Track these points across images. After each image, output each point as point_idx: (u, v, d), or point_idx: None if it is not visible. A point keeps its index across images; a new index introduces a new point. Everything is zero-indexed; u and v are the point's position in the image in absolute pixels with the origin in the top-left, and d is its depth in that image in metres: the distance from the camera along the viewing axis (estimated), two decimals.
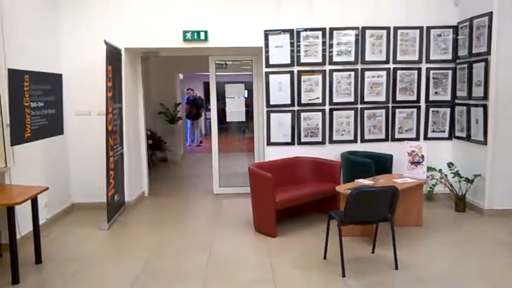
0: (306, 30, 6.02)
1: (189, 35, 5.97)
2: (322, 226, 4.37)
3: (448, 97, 6.20)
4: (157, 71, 10.08)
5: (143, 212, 6.04)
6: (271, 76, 6.09)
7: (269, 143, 6.20)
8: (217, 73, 6.82)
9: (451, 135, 6.26)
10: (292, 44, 6.02)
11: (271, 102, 6.13)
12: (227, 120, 6.96)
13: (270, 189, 4.71)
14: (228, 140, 10.61)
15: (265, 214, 4.84)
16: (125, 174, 6.05)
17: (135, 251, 4.49)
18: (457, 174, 5.63)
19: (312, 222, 5.22)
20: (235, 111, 6.84)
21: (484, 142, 5.40)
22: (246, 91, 6.96)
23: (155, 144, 9.35)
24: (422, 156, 5.09)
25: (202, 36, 5.98)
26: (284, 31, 6.02)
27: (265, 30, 6.01)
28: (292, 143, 6.19)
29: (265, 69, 6.09)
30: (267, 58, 6.05)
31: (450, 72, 6.14)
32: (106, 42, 5.18)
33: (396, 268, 3.87)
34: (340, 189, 4.62)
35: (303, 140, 6.18)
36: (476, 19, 5.52)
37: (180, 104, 10.63)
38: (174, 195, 6.95)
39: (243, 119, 6.92)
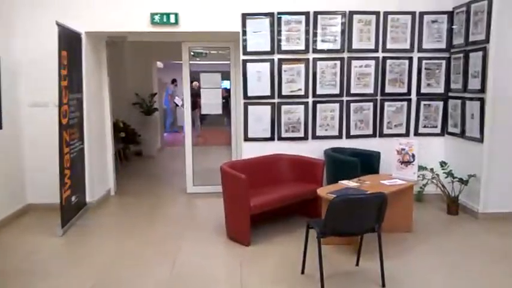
0: (287, 14, 5.45)
1: (157, 17, 5.36)
2: (302, 232, 3.85)
3: (441, 89, 5.71)
4: (132, 58, 9.43)
5: (106, 215, 5.46)
6: (249, 65, 5.52)
7: (246, 139, 5.65)
8: (196, 61, 6.24)
9: (444, 131, 5.79)
10: (272, 30, 5.45)
11: (249, 94, 5.57)
12: (202, 112, 6.39)
13: (244, 192, 4.17)
14: (208, 132, 10.06)
15: (238, 220, 4.31)
16: (86, 172, 5.46)
17: (88, 263, 3.93)
18: (450, 174, 5.16)
19: (292, 227, 4.71)
20: (211, 103, 6.26)
21: (480, 139, 4.93)
22: (229, 82, 6.38)
23: (128, 137, 8.74)
24: (413, 155, 4.59)
25: (172, 19, 5.37)
26: (264, 15, 5.44)
27: (242, 14, 5.42)
28: (271, 139, 5.65)
29: (242, 57, 5.51)
30: (245, 44, 5.47)
31: (444, 62, 5.64)
32: (58, 24, 4.55)
33: (383, 285, 3.38)
34: (321, 193, 4.10)
35: (283, 135, 5.65)
36: (474, 3, 5.01)
37: (156, 94, 9.99)
38: (143, 194, 6.37)
39: (220, 111, 6.35)
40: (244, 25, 5.44)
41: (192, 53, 6.25)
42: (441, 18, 5.56)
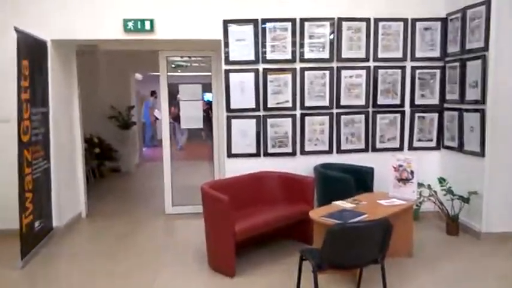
0: (272, 21, 5.07)
1: (131, 24, 4.91)
2: (293, 259, 3.43)
3: (435, 100, 5.38)
4: (108, 69, 8.91)
5: (75, 241, 4.92)
6: (231, 75, 5.10)
7: (230, 155, 5.21)
8: (176, 73, 5.82)
9: (440, 145, 5.45)
10: (256, 37, 5.06)
11: (232, 106, 5.14)
12: (181, 126, 5.93)
13: (227, 216, 3.72)
14: (190, 146, 9.57)
15: (221, 247, 3.84)
16: (53, 193, 4.92)
17: None
18: (449, 191, 4.80)
19: (281, 254, 4.26)
20: (190, 116, 5.81)
21: (481, 154, 4.59)
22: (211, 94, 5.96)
23: (104, 153, 8.20)
24: (412, 172, 4.22)
25: (147, 26, 4.94)
26: (247, 21, 5.05)
27: (224, 20, 5.02)
28: (257, 155, 5.22)
29: (224, 67, 5.10)
30: (227, 53, 5.06)
31: (438, 71, 5.33)
32: (17, 30, 4.07)
33: None
34: (314, 216, 3.67)
35: (270, 150, 5.23)
36: (470, 9, 4.71)
37: (133, 107, 9.48)
38: (117, 216, 5.83)
39: (200, 125, 5.90)
40: (226, 33, 5.04)
41: (172, 66, 5.82)
42: (434, 25, 5.26)
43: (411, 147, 5.43)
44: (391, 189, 4.36)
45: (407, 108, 5.39)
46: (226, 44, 5.05)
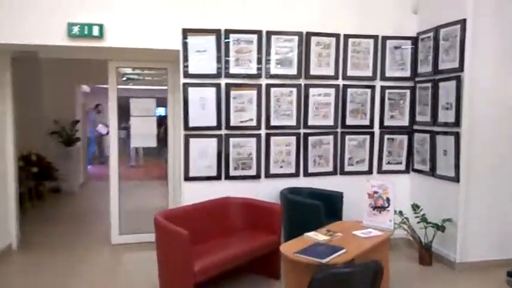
0: (237, 32, 4.65)
1: (76, 29, 4.31)
2: None
3: (405, 122, 5.15)
4: (51, 80, 8.09)
5: (2, 279, 4.16)
6: (191, 90, 4.61)
7: (187, 178, 4.67)
8: (127, 86, 5.25)
9: (409, 168, 5.21)
10: (219, 49, 4.61)
11: (191, 124, 4.63)
12: (131, 145, 5.34)
13: (186, 254, 3.19)
14: (146, 162, 8.85)
15: None
16: None
17: None
18: (423, 219, 4.52)
19: None
20: (142, 134, 5.24)
21: (456, 179, 4.36)
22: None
23: (43, 173, 7.35)
24: (388, 200, 3.89)
25: (95, 31, 4.36)
26: (209, 31, 4.60)
27: (183, 29, 4.54)
28: (218, 178, 4.72)
29: (182, 80, 4.60)
30: (186, 66, 4.57)
31: (408, 92, 5.11)
32: None
33: None
34: (287, 253, 3.20)
35: (232, 173, 4.74)
36: (443, 28, 4.53)
37: (78, 121, 8.69)
38: (55, 247, 5.08)
39: (154, 143, 5.34)
40: (185, 43, 4.55)
41: (124, 78, 5.25)
42: (405, 44, 5.06)
43: (380, 171, 5.15)
44: (365, 217, 4.00)
45: (376, 129, 5.12)
46: (185, 56, 4.56)
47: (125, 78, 5.32)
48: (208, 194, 4.39)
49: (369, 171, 5.12)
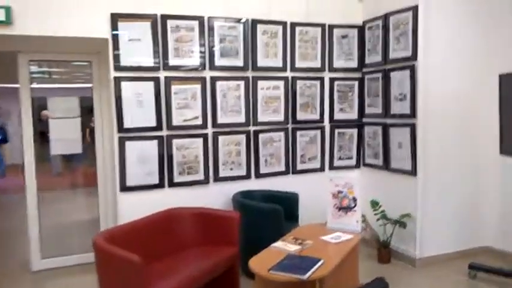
0: (175, 17, 4.08)
1: None
2: None
3: (354, 115, 4.96)
4: None
5: None
6: (124, 84, 3.95)
7: (124, 188, 4.02)
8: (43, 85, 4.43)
9: (359, 163, 5.04)
10: (155, 37, 4.01)
11: (126, 125, 3.98)
12: (51, 152, 4.52)
13: (141, 283, 2.60)
14: (72, 167, 7.78)
15: None
16: None
17: None
18: (383, 216, 4.35)
19: None
20: (64, 139, 4.46)
21: (413, 172, 4.23)
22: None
23: None
24: (354, 199, 3.61)
25: (1, 16, 3.54)
26: (143, 17, 3.98)
27: (113, 14, 3.87)
28: (160, 186, 4.13)
29: (114, 73, 3.93)
30: (117, 57, 3.91)
31: (356, 83, 4.92)
32: None
33: None
34: (259, 269, 2.75)
35: (176, 179, 4.18)
36: (393, 16, 4.37)
37: None
38: None
39: (79, 149, 4.58)
40: (115, 30, 3.89)
41: (32, 74, 4.40)
42: (351, 33, 4.85)
43: (332, 167, 4.91)
44: (329, 220, 3.70)
45: (326, 124, 4.87)
46: (116, 45, 3.90)
47: (36, 75, 4.47)
48: (150, 206, 3.81)
49: (321, 168, 4.85)
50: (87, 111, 4.59)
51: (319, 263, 2.81)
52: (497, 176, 4.40)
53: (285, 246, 3.17)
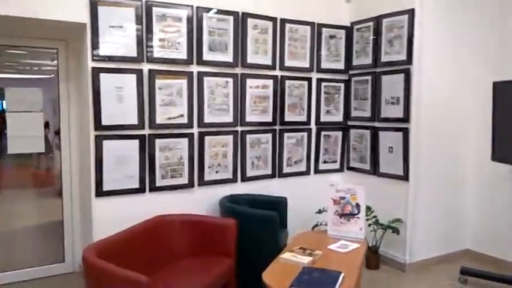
0: (162, 5, 3.69)
1: None
2: None
3: (340, 117, 4.82)
4: None
5: None
6: (103, 77, 3.49)
7: (100, 193, 3.55)
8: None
9: (343, 166, 4.90)
10: (139, 25, 3.60)
11: (104, 122, 3.52)
12: (8, 151, 3.92)
13: None
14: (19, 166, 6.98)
15: None
16: None
17: None
18: (376, 223, 4.22)
19: None
20: (24, 137, 3.89)
21: (405, 177, 4.16)
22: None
23: None
24: (358, 206, 3.44)
25: None
26: (126, 3, 3.55)
27: None
28: (141, 190, 3.70)
29: (91, 64, 3.46)
30: (96, 44, 3.44)
31: (343, 85, 4.79)
32: None
33: None
34: (278, 287, 2.48)
35: (159, 183, 3.77)
36: (386, 18, 4.28)
37: None
38: None
39: (42, 148, 4.01)
40: (94, 15, 3.42)
41: None
42: (339, 34, 4.71)
43: (317, 170, 4.73)
44: (330, 227, 3.49)
45: (313, 126, 4.68)
46: (95, 31, 3.43)
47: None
48: (130, 212, 3.43)
49: (307, 172, 4.66)
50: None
51: (341, 276, 2.58)
52: (476, 183, 4.46)
53: (295, 257, 2.90)
